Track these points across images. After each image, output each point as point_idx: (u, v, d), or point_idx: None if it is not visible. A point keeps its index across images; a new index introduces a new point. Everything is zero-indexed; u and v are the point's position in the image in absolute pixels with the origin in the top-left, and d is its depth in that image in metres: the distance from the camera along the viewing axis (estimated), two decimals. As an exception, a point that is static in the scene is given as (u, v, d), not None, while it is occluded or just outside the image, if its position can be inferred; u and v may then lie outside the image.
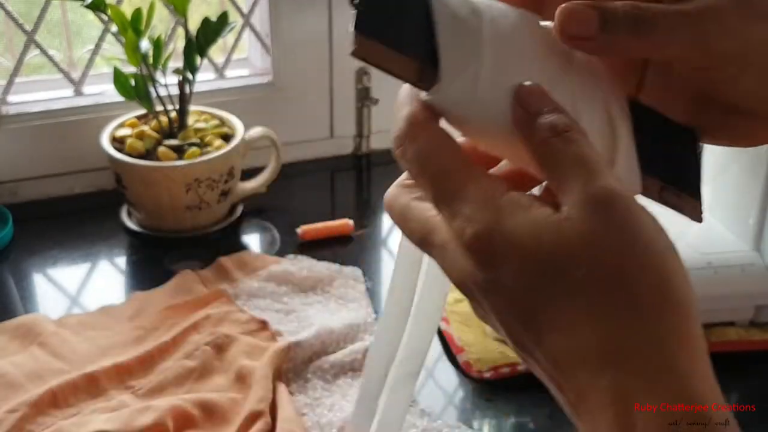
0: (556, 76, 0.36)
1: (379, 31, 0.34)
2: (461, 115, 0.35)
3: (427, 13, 0.35)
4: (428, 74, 0.35)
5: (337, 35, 1.12)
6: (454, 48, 0.35)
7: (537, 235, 0.32)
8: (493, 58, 0.35)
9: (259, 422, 0.69)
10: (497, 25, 0.36)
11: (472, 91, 0.35)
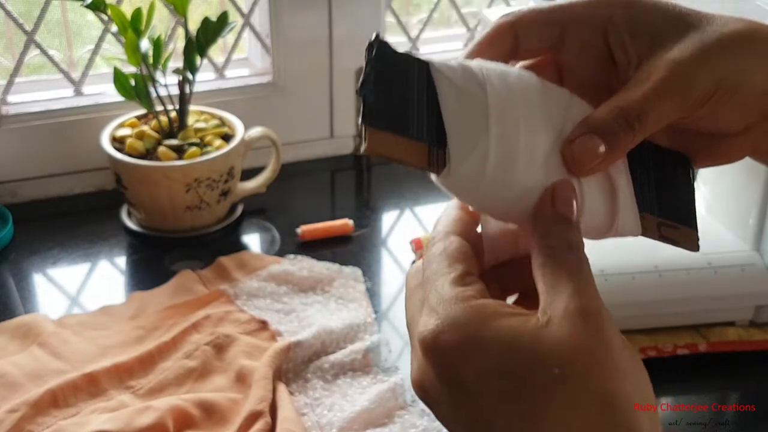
0: (557, 144, 0.37)
1: (389, 121, 0.34)
2: (470, 195, 0.36)
3: (431, 93, 0.35)
4: (438, 156, 0.35)
5: (337, 35, 1.12)
6: (460, 127, 0.35)
7: (509, 341, 0.33)
8: (500, 134, 0.35)
9: (259, 422, 0.69)
10: (501, 96, 0.36)
11: (480, 171, 0.35)
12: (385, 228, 1.03)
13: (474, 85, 0.36)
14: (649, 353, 0.80)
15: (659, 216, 0.40)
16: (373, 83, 0.35)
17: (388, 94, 0.35)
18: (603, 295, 0.75)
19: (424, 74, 0.36)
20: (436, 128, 0.35)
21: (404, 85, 0.35)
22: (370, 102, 0.34)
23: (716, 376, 0.80)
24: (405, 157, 0.35)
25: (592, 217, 0.38)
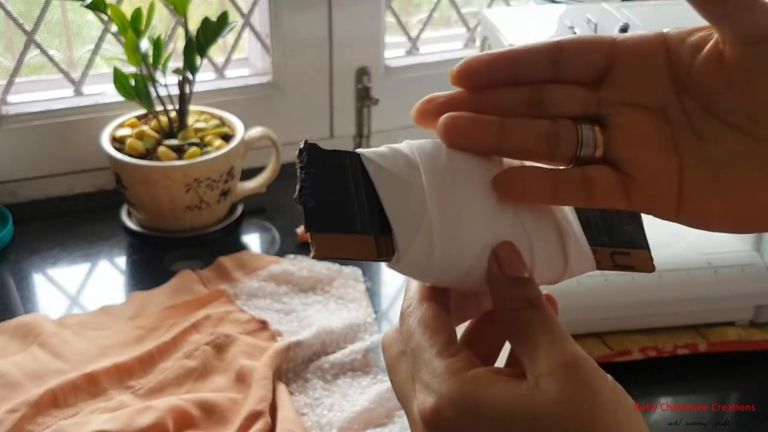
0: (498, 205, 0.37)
1: (333, 223, 0.35)
2: (424, 274, 0.37)
3: (368, 184, 0.36)
4: (386, 244, 0.36)
5: (337, 35, 1.12)
6: (401, 212, 0.36)
7: (505, 408, 0.33)
8: (440, 212, 0.36)
9: (259, 422, 0.69)
10: (435, 172, 0.37)
11: (429, 251, 0.36)
12: (385, 228, 1.03)
13: (406, 166, 0.37)
14: (649, 353, 0.80)
15: (610, 246, 0.40)
16: (310, 188, 0.35)
17: (327, 195, 0.35)
18: (603, 295, 0.75)
19: (358, 166, 0.37)
20: (379, 218, 0.36)
21: (341, 182, 0.36)
22: (310, 208, 0.35)
23: (716, 376, 0.80)
24: (355, 254, 0.35)
25: (545, 266, 0.38)
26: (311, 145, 0.36)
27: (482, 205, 0.37)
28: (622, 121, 0.37)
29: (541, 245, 0.38)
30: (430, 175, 0.37)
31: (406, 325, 0.37)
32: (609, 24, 0.77)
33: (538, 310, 0.35)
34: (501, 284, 0.36)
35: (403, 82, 1.18)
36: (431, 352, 0.36)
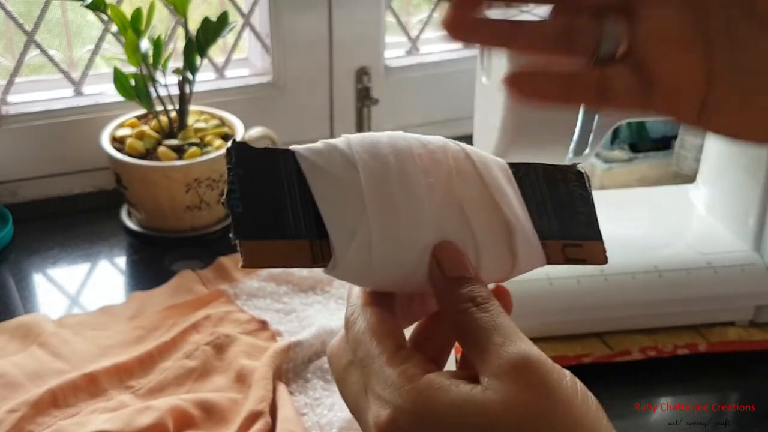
0: (443, 202, 0.36)
1: (264, 228, 0.33)
2: (363, 279, 0.35)
3: (303, 183, 0.34)
4: (322, 249, 0.34)
5: (337, 35, 1.11)
6: (337, 214, 0.34)
7: (461, 413, 0.32)
8: (379, 213, 0.34)
9: (259, 422, 0.69)
10: (373, 170, 0.35)
11: (367, 254, 0.34)
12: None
13: (343, 164, 0.35)
14: (649, 353, 0.80)
15: (561, 238, 0.39)
16: (239, 191, 0.33)
17: (258, 198, 0.33)
18: (603, 295, 0.75)
19: (291, 164, 0.34)
20: (314, 220, 0.34)
21: (273, 183, 0.33)
22: (238, 213, 0.32)
23: (716, 376, 0.80)
24: (287, 261, 0.33)
25: (492, 263, 0.37)
26: (239, 144, 0.34)
27: (424, 204, 0.36)
28: (652, 15, 0.34)
29: (488, 242, 0.37)
30: (369, 173, 0.35)
31: (352, 333, 0.36)
32: (609, 24, 0.77)
33: (485, 309, 0.34)
34: (444, 285, 0.35)
35: (403, 82, 1.18)
36: (381, 360, 0.34)
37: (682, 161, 1.05)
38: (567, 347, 0.80)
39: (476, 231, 0.37)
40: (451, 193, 0.36)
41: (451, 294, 0.35)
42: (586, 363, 0.79)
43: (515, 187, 0.39)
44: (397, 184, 0.35)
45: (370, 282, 0.36)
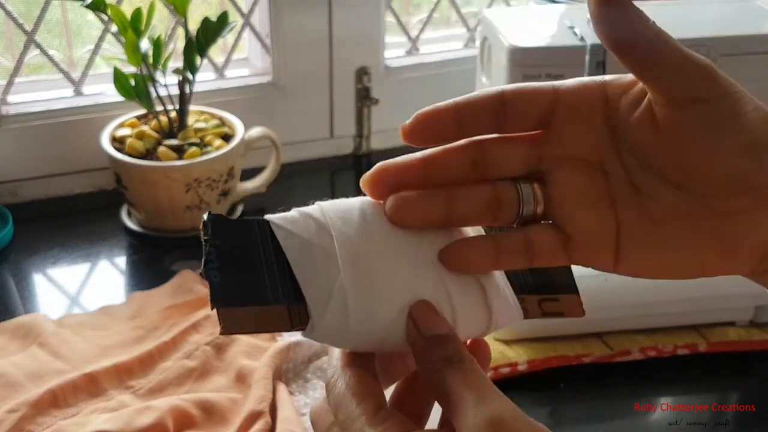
0: (417, 263, 0.37)
1: (242, 296, 0.34)
2: (342, 341, 0.36)
3: (278, 251, 0.35)
4: (300, 313, 0.35)
5: (337, 35, 1.12)
6: (313, 278, 0.35)
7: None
8: (354, 277, 0.35)
9: (259, 422, 0.69)
10: (347, 235, 0.36)
11: (344, 317, 0.35)
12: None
13: (317, 231, 0.36)
14: (649, 353, 0.80)
15: (538, 293, 0.40)
16: (216, 261, 0.34)
17: (235, 267, 0.34)
18: (603, 295, 0.75)
19: (267, 233, 0.35)
20: (292, 286, 0.35)
21: (249, 251, 0.35)
22: (216, 283, 0.33)
23: (716, 376, 0.80)
24: (266, 326, 0.34)
25: (468, 322, 0.38)
26: (215, 216, 0.35)
27: (399, 264, 0.36)
28: (560, 179, 0.37)
29: (463, 301, 0.37)
30: (342, 237, 0.36)
31: (333, 395, 0.37)
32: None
33: (459, 368, 0.35)
34: (420, 345, 0.36)
35: (403, 82, 1.18)
36: (361, 421, 0.35)
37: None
38: (567, 347, 0.80)
39: (451, 289, 0.37)
40: (423, 254, 0.37)
41: (427, 354, 0.35)
42: (586, 363, 0.79)
43: None
44: (371, 247, 0.36)
45: (348, 344, 0.36)
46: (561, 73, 0.74)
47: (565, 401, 0.76)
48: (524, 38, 0.75)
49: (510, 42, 0.74)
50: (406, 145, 0.38)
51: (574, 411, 0.75)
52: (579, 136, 0.37)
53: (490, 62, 0.80)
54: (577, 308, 0.41)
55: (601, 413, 0.76)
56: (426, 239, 0.37)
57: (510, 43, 0.74)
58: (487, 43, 0.80)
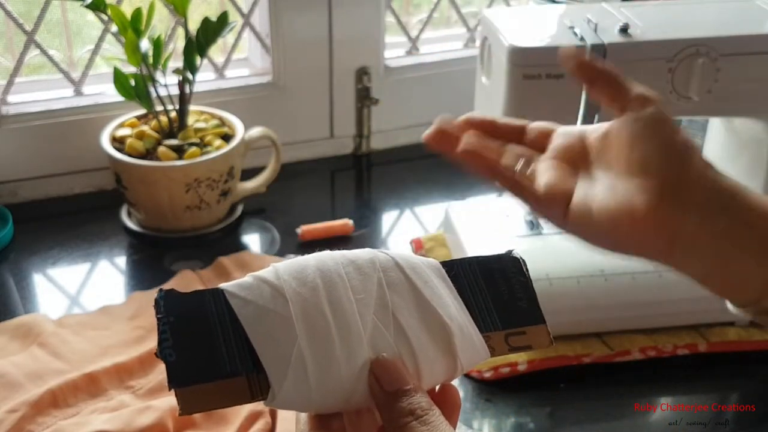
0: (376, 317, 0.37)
1: (199, 373, 0.33)
2: (305, 405, 0.36)
3: (235, 320, 0.35)
4: (260, 382, 0.34)
5: (337, 35, 1.12)
6: (271, 345, 0.34)
7: None
8: (311, 340, 0.35)
9: (259, 422, 0.69)
10: (302, 297, 0.36)
11: (304, 381, 0.35)
12: (385, 228, 1.03)
13: (272, 296, 0.36)
14: (649, 353, 0.80)
15: (503, 329, 0.40)
16: (171, 339, 0.34)
17: (190, 343, 0.34)
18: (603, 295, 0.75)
19: (222, 303, 0.35)
20: (249, 354, 0.34)
21: (204, 324, 0.34)
22: (171, 362, 0.33)
23: (716, 376, 0.80)
24: (226, 401, 0.34)
25: (433, 369, 0.38)
26: (167, 292, 0.34)
27: (356, 322, 0.36)
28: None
29: (425, 348, 0.37)
30: (297, 299, 0.36)
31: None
32: (609, 24, 0.77)
33: (424, 422, 0.35)
34: (384, 400, 0.36)
35: (403, 82, 1.18)
36: None
37: (682, 161, 1.04)
38: (567, 347, 0.80)
39: (412, 339, 0.37)
40: (383, 306, 0.37)
41: (391, 408, 0.36)
42: (586, 363, 0.79)
43: (450, 286, 0.40)
44: (327, 307, 0.36)
45: (312, 408, 0.36)
46: (561, 72, 0.74)
47: (565, 401, 0.76)
48: (524, 38, 0.75)
49: (510, 42, 0.74)
50: (406, 145, 0.38)
51: (574, 411, 0.75)
52: (564, 149, 0.49)
53: (490, 62, 0.80)
54: (545, 338, 0.41)
55: (601, 413, 0.76)
56: (386, 289, 0.38)
57: (510, 43, 0.74)
58: (487, 43, 0.80)
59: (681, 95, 0.76)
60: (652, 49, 0.75)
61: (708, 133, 0.92)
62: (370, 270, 0.38)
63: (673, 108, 0.78)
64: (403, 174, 1.14)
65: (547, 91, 0.75)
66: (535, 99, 0.75)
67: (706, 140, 0.93)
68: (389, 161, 1.18)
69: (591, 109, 0.76)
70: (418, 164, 1.16)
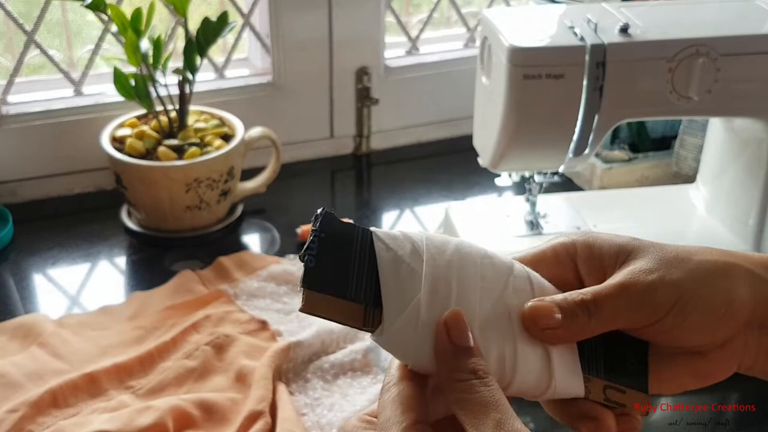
0: (493, 308, 0.39)
1: (328, 284, 0.38)
2: (402, 352, 0.39)
3: (371, 259, 0.39)
4: (374, 316, 0.38)
5: (337, 35, 1.12)
6: (395, 291, 0.38)
7: None
8: (431, 298, 0.38)
9: (259, 422, 0.69)
10: (436, 265, 0.39)
11: (412, 331, 0.38)
12: (385, 228, 1.03)
13: (411, 251, 0.39)
14: (649, 353, 0.80)
15: (606, 379, 0.41)
16: (315, 250, 0.38)
17: (329, 260, 0.38)
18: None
19: (367, 241, 0.39)
20: (373, 291, 0.38)
21: (346, 250, 0.39)
22: (309, 267, 0.37)
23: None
24: (340, 317, 0.38)
25: (527, 376, 0.39)
26: (327, 213, 0.39)
27: (474, 302, 0.39)
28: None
29: (527, 355, 0.39)
30: (432, 263, 0.39)
31: (382, 399, 0.39)
32: (609, 24, 0.77)
33: (486, 384, 0.36)
34: (449, 354, 0.37)
35: (403, 82, 1.18)
36: (399, 428, 0.37)
37: (681, 161, 1.05)
38: (567, 347, 0.80)
39: (518, 341, 0.39)
40: (503, 302, 0.40)
41: (455, 363, 0.37)
42: (586, 363, 0.79)
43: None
44: (455, 281, 0.39)
45: (410, 358, 0.39)
46: (561, 72, 0.74)
47: (565, 401, 0.76)
48: (524, 38, 0.75)
49: (510, 42, 0.74)
50: (406, 145, 0.39)
51: (574, 411, 0.75)
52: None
53: (490, 62, 0.80)
54: (642, 407, 0.42)
55: (601, 413, 0.76)
56: (511, 287, 0.40)
57: (510, 43, 0.74)
58: (487, 43, 0.80)
59: (681, 95, 0.76)
60: (652, 49, 0.75)
61: (708, 133, 0.92)
62: (503, 270, 0.40)
63: (673, 108, 0.78)
64: (403, 174, 1.14)
65: (547, 91, 0.75)
66: (535, 99, 0.75)
67: (706, 140, 0.93)
68: (389, 161, 1.18)
69: (591, 109, 0.76)
70: (418, 164, 1.16)
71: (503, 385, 0.39)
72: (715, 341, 0.42)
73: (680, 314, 0.40)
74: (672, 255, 0.41)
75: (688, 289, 0.40)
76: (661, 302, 0.40)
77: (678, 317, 0.40)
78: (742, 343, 0.43)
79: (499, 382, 0.38)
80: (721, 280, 0.41)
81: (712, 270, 0.41)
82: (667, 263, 0.41)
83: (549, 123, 0.77)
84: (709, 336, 0.41)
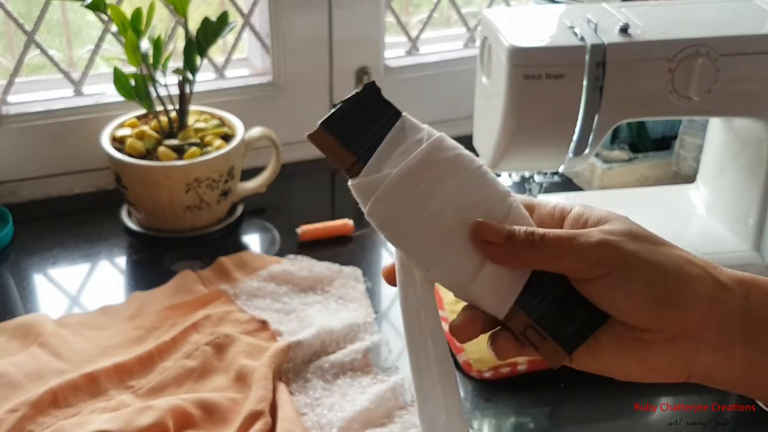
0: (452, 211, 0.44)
1: (340, 132, 0.46)
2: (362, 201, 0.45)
3: (386, 131, 0.46)
4: (357, 169, 0.45)
5: (337, 35, 1.12)
6: (383, 155, 0.45)
7: None
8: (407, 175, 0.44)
9: (259, 422, 0.69)
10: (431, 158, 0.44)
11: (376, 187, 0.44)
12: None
13: (416, 142, 0.45)
14: (649, 353, 0.80)
15: (533, 320, 0.43)
16: (348, 105, 0.46)
17: (353, 116, 0.46)
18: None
19: (392, 120, 0.46)
20: (370, 149, 0.45)
21: (371, 116, 0.46)
22: (335, 113, 0.46)
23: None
24: (333, 157, 0.46)
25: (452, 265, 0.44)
26: (371, 84, 0.47)
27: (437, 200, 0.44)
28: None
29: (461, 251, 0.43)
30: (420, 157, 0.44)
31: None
32: (609, 24, 0.77)
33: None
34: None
35: (403, 82, 1.18)
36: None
37: (681, 161, 1.05)
38: (567, 347, 0.80)
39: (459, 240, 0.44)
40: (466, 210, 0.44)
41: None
42: (586, 363, 0.79)
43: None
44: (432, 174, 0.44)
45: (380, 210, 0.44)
46: (561, 72, 0.74)
47: (565, 401, 0.76)
48: (524, 38, 0.75)
49: (510, 42, 0.74)
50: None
51: (574, 411, 0.75)
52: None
53: (490, 62, 0.80)
54: (556, 359, 0.44)
55: (601, 413, 0.76)
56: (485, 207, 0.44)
57: (510, 43, 0.74)
58: (487, 43, 0.80)
59: (681, 95, 0.76)
60: (652, 49, 0.75)
61: (708, 133, 0.92)
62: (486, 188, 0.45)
63: (673, 108, 0.78)
64: (403, 174, 1.14)
65: (547, 91, 0.75)
66: (535, 99, 0.75)
67: (706, 140, 0.93)
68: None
69: (591, 109, 0.76)
70: (418, 164, 1.16)
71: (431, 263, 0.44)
72: (660, 329, 0.42)
73: (620, 279, 0.42)
74: (642, 234, 0.43)
75: (636, 262, 0.42)
76: (603, 260, 0.42)
77: (617, 281, 0.42)
78: (693, 350, 0.43)
79: (428, 259, 0.43)
80: (677, 272, 0.43)
81: (674, 261, 0.43)
82: (631, 235, 0.43)
83: (549, 123, 0.77)
84: (652, 318, 0.42)
